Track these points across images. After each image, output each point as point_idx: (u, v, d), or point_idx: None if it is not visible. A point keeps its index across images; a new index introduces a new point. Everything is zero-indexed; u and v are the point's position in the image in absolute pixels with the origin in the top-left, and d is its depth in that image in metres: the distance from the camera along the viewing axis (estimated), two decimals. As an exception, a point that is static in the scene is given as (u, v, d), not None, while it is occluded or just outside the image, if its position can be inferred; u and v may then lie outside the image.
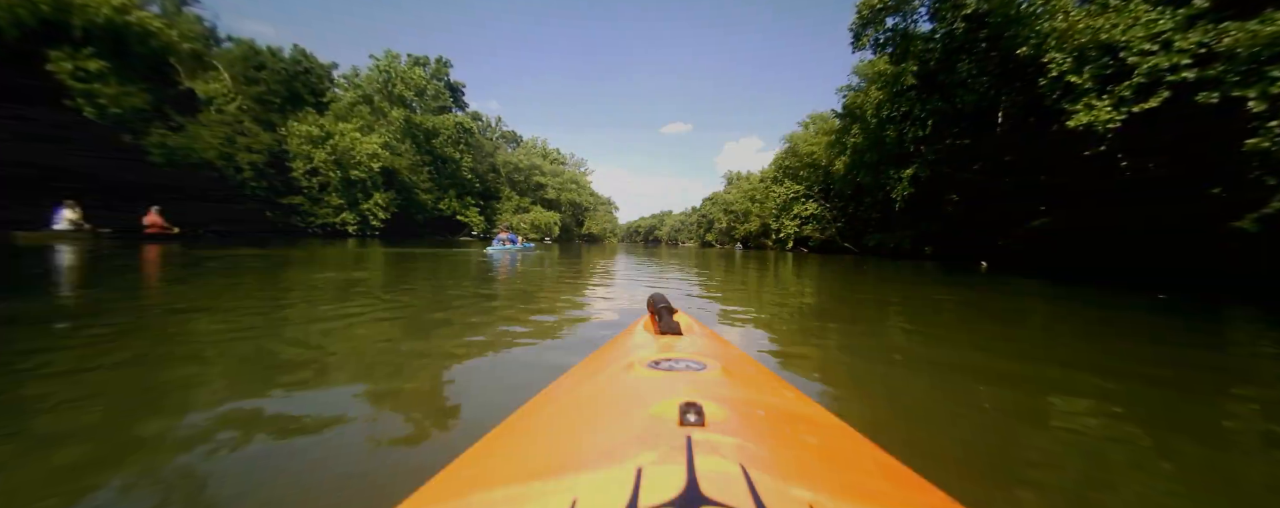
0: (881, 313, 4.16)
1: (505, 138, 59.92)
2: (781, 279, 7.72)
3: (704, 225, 72.73)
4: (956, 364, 2.31)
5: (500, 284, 5.27)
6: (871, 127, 18.96)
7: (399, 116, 34.07)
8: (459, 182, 40.77)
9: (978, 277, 9.08)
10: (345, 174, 24.90)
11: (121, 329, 2.44)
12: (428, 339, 2.41)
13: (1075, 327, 3.76)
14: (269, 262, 7.02)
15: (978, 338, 3.13)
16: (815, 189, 32.18)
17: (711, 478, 0.31)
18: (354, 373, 1.79)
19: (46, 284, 4.12)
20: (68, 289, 3.90)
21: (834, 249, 29.30)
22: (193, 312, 2.99)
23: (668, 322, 0.95)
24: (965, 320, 3.86)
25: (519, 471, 0.40)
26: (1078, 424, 1.56)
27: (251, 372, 1.77)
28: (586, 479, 0.33)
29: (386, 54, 35.48)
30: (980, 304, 4.89)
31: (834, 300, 5.04)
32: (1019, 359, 2.48)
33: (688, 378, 0.59)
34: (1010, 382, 2.02)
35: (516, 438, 0.53)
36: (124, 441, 1.20)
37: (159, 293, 3.90)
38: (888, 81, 17.95)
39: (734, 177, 61.99)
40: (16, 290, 3.78)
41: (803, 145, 32.02)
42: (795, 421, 0.53)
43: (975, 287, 6.92)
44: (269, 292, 4.04)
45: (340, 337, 2.37)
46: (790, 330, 3.19)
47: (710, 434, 0.39)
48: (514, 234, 13.07)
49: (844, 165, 21.74)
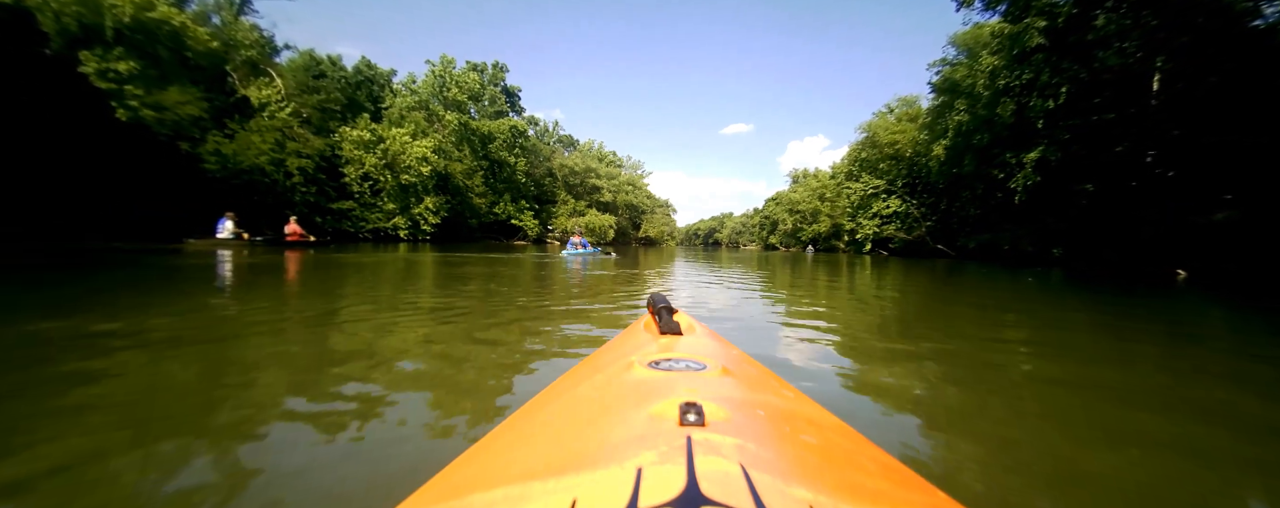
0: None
1: (562, 142, 59.41)
2: (881, 293, 5.54)
3: (767, 227, 69.21)
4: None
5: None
6: (983, 100, 15.45)
7: (453, 121, 33.80)
8: (514, 186, 40.21)
9: (1183, 298, 6.06)
10: (396, 179, 24.42)
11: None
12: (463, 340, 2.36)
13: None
14: (379, 263, 7.81)
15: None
16: (899, 183, 28.37)
17: (711, 478, 0.31)
18: (361, 372, 1.77)
19: (265, 283, 4.94)
20: (278, 286, 4.67)
21: (923, 252, 25.47)
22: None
23: (668, 322, 0.94)
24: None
25: (519, 471, 0.39)
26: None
27: (309, 362, 1.89)
28: (586, 479, 0.33)
29: (442, 59, 35.44)
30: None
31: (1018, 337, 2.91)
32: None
33: (688, 378, 0.58)
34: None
35: (516, 438, 0.52)
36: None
37: (299, 294, 4.19)
38: (1005, 42, 14.50)
39: (800, 175, 58.04)
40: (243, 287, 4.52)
41: (883, 134, 28.32)
42: (795, 420, 0.52)
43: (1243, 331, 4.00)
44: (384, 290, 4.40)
45: (397, 335, 2.42)
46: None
47: (710, 434, 0.39)
48: (585, 240, 13.22)
49: (944, 151, 18.14)
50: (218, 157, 19.14)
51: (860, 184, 30.92)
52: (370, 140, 23.70)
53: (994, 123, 15.36)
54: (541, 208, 45.09)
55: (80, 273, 5.17)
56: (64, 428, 1.21)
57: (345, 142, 23.27)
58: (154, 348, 2.00)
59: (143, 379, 1.63)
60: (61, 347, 1.99)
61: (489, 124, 37.82)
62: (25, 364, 1.76)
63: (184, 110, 18.59)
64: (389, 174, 24.37)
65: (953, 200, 24.61)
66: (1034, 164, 14.17)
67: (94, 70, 14.58)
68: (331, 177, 22.89)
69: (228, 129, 19.71)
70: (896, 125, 28.48)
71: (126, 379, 1.62)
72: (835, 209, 38.98)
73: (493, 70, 41.25)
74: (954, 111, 17.23)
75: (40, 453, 1.08)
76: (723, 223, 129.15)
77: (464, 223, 32.72)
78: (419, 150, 24.65)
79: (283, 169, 19.94)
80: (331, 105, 26.59)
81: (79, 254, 7.44)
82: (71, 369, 1.70)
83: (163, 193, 18.20)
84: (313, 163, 20.91)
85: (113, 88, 14.97)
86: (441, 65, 35.43)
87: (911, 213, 26.92)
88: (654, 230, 66.77)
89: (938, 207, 25.80)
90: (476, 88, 37.46)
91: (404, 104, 30.37)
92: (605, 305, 3.70)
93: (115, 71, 14.76)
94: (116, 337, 2.17)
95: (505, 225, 38.67)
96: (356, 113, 26.88)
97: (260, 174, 19.35)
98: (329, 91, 27.43)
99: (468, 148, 35.97)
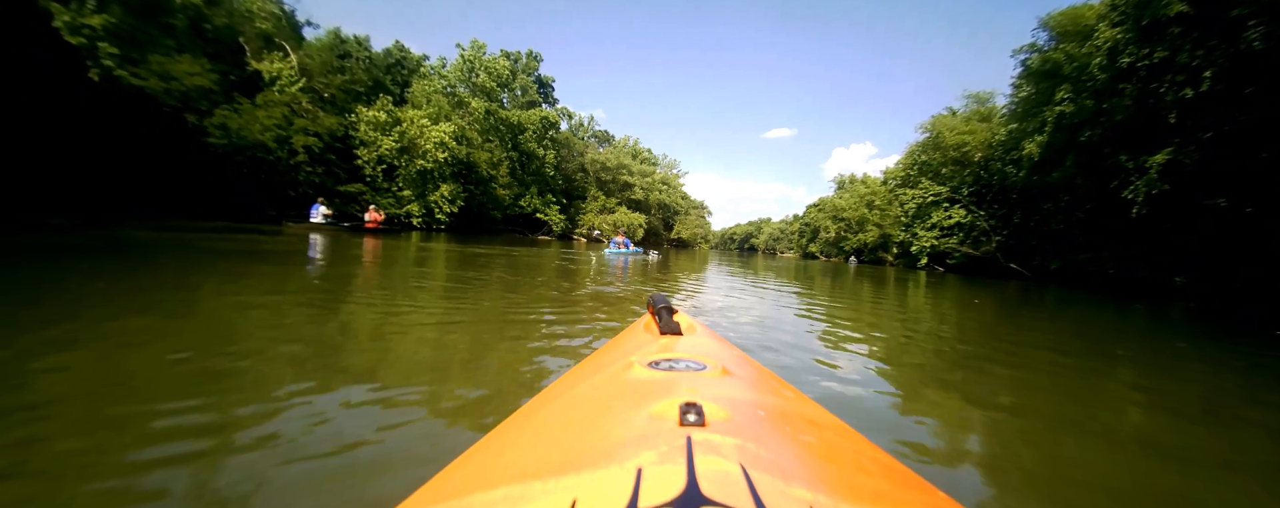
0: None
1: (597, 137, 57.73)
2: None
3: (807, 234, 65.63)
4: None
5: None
6: (1097, 84, 12.32)
7: (481, 108, 32.47)
8: (541, 178, 38.68)
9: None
10: (412, 163, 23.05)
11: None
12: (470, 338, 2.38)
13: None
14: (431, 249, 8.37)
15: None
16: (964, 191, 25.02)
17: (711, 478, 0.31)
18: (364, 373, 1.73)
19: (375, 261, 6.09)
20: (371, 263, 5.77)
21: (991, 270, 22.18)
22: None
23: (668, 322, 0.93)
24: None
25: (519, 471, 0.39)
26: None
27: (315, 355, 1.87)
28: (586, 479, 0.33)
29: (473, 44, 34.17)
30: None
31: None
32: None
33: (688, 378, 0.58)
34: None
35: (516, 438, 0.52)
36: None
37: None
38: (1130, 10, 11.42)
39: (847, 180, 54.40)
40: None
41: (950, 135, 25.01)
42: (795, 420, 0.52)
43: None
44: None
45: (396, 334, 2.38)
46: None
47: (710, 434, 0.39)
48: (628, 240, 13.13)
49: (1038, 148, 14.93)
50: (223, 131, 18.15)
51: (918, 190, 27.65)
52: (386, 122, 22.35)
53: (1108, 116, 12.30)
54: (570, 203, 43.49)
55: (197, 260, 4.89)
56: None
57: (361, 122, 21.99)
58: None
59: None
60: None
61: (519, 114, 36.39)
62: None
63: (192, 81, 17.70)
64: (403, 158, 23.00)
65: (1030, 213, 21.25)
66: (1161, 168, 11.11)
67: (65, 24, 13.44)
68: (344, 158, 21.67)
69: (237, 103, 18.77)
70: (965, 125, 25.13)
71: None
72: (885, 218, 35.59)
73: (526, 59, 39.83)
74: (1054, 102, 13.98)
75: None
76: (760, 228, 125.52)
77: (486, 214, 31.31)
78: (437, 135, 23.18)
79: (287, 146, 18.72)
80: (356, 87, 25.52)
81: (182, 244, 6.65)
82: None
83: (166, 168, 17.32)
84: (320, 142, 19.63)
85: (83, 43, 13.76)
86: (472, 50, 34.15)
87: (978, 225, 23.59)
88: (687, 232, 64.27)
89: (1010, 220, 22.44)
90: (506, 75, 36.04)
91: (430, 88, 29.07)
92: (606, 305, 3.65)
93: (89, 27, 13.58)
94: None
95: (530, 219, 37.19)
96: (383, 96, 25.86)
97: (263, 150, 18.20)
98: (354, 72, 26.42)
99: (495, 137, 34.69)
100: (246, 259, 5.13)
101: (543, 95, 42.27)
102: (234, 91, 19.13)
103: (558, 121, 39.79)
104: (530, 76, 40.28)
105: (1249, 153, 11.24)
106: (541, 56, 40.77)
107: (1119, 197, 12.28)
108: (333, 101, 22.84)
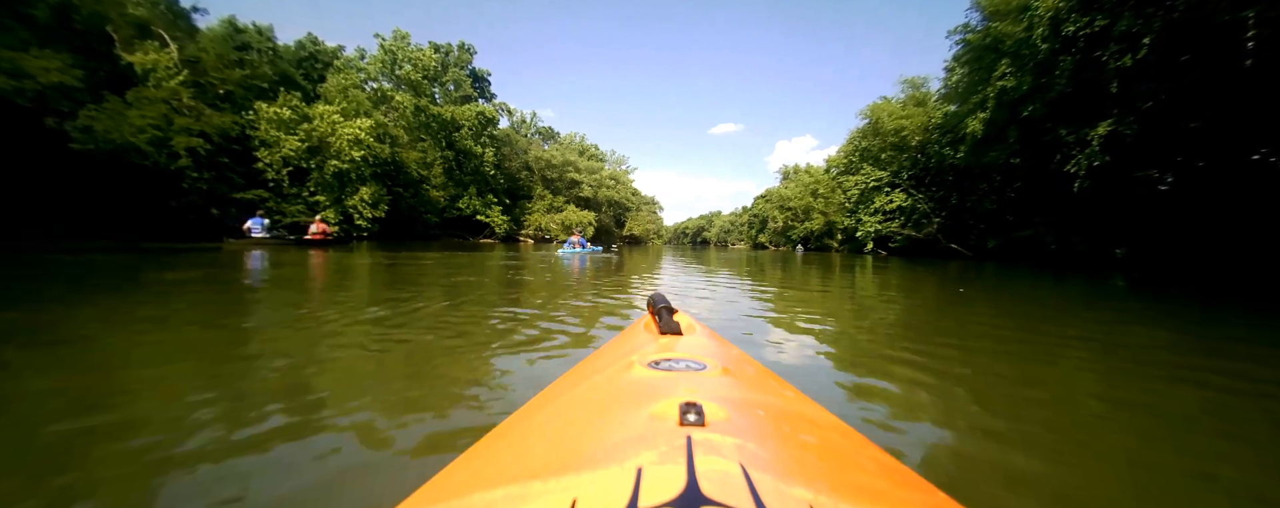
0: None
1: (541, 134, 55.72)
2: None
3: (756, 226, 66.42)
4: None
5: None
6: (1040, 55, 12.11)
7: (408, 103, 30.11)
8: (481, 178, 36.53)
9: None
10: (323, 165, 20.75)
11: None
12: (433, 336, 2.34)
13: None
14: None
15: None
16: (904, 175, 25.28)
17: (711, 478, 0.31)
18: (357, 373, 1.74)
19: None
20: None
21: (934, 251, 22.43)
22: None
23: (668, 322, 0.93)
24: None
25: (519, 471, 0.39)
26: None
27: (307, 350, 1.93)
28: (586, 479, 0.33)
29: (395, 33, 31.67)
30: None
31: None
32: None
33: (688, 378, 0.58)
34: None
35: (516, 438, 0.52)
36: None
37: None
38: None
39: (792, 170, 55.17)
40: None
41: (888, 120, 25.18)
42: (795, 420, 0.51)
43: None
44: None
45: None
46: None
47: (710, 434, 0.39)
48: (583, 239, 12.78)
49: (981, 125, 14.77)
50: (87, 134, 15.45)
51: (860, 176, 27.82)
52: (292, 119, 19.97)
53: (1048, 90, 12.17)
54: (514, 203, 41.51)
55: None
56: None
57: (261, 120, 19.52)
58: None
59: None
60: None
61: (453, 109, 34.14)
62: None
63: (49, 78, 14.91)
64: (317, 159, 20.69)
65: (966, 194, 21.60)
66: (1102, 140, 11.01)
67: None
68: (242, 162, 19.16)
69: (106, 102, 16.05)
70: (902, 110, 25.38)
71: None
72: (829, 206, 35.95)
73: (458, 52, 37.51)
74: (994, 79, 13.80)
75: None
76: (711, 221, 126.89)
77: (418, 218, 29.05)
78: (351, 131, 20.97)
79: (166, 150, 16.20)
80: (259, 82, 22.78)
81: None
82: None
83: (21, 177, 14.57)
84: (207, 143, 17.16)
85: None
86: (394, 40, 31.66)
87: (919, 207, 23.86)
88: (639, 228, 63.38)
89: (948, 201, 22.79)
90: (435, 68, 33.73)
91: (346, 82, 26.49)
92: (606, 305, 3.61)
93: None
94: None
95: (470, 222, 35.03)
96: (290, 90, 23.22)
97: (137, 155, 15.64)
98: (256, 66, 23.63)
99: (427, 135, 32.38)
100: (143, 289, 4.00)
101: (478, 90, 40.03)
102: (103, 89, 16.39)
103: (496, 117, 37.70)
104: (463, 70, 37.96)
105: (1176, 122, 11.35)
106: (475, 49, 38.53)
107: (1059, 172, 12.23)
108: (230, 98, 20.21)
